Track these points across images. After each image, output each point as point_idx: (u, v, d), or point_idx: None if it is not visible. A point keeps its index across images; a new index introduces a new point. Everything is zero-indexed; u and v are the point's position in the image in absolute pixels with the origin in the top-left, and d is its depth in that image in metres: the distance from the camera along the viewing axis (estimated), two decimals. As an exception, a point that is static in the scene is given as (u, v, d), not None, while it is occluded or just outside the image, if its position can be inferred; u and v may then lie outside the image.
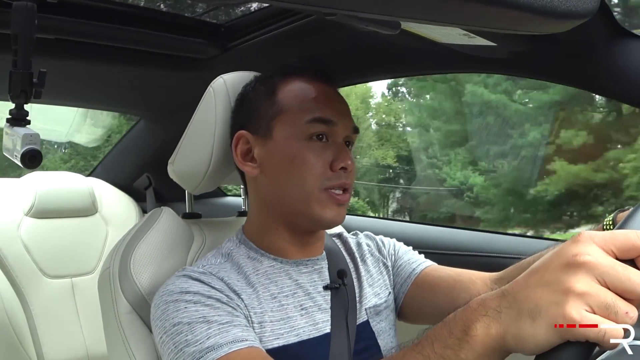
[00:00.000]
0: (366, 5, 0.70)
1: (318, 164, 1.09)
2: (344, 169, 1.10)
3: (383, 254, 1.33)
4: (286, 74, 1.17)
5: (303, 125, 1.10)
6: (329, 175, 1.10)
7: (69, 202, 2.46)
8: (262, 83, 1.20)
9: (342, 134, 1.14)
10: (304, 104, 1.12)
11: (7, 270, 2.20)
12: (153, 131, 2.54)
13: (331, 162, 1.10)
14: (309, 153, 1.10)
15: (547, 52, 1.28)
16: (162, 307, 1.00)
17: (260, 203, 1.19)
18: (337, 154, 1.11)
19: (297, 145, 1.10)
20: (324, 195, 1.10)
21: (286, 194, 1.12)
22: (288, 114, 1.12)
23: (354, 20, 0.99)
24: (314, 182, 1.09)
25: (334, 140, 1.13)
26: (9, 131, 1.12)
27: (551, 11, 0.72)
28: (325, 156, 1.10)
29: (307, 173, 1.09)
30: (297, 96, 1.14)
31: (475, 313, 0.65)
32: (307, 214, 1.11)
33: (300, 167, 1.09)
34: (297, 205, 1.11)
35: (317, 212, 1.10)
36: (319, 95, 1.14)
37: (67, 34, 1.61)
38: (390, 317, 1.27)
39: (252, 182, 1.19)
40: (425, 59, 1.59)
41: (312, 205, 1.10)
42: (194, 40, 1.80)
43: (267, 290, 1.09)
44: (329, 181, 1.10)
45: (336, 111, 1.14)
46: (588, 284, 0.57)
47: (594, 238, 0.60)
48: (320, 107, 1.12)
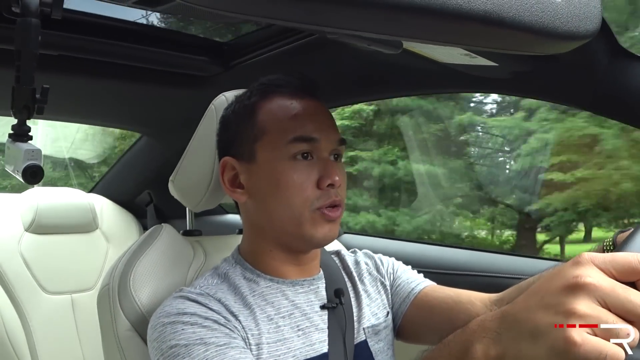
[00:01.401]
0: (368, 25, 0.70)
1: (305, 184, 1.07)
2: (331, 185, 1.08)
3: (381, 273, 1.32)
4: (265, 93, 1.15)
5: (285, 145, 1.08)
6: (317, 194, 1.08)
7: (70, 218, 2.46)
8: (241, 104, 1.17)
9: (327, 149, 1.11)
10: (283, 123, 1.10)
11: (6, 286, 2.19)
12: (155, 148, 2.54)
13: (318, 180, 1.08)
14: (294, 174, 1.07)
15: (549, 73, 1.28)
16: (159, 329, 0.99)
17: (251, 227, 1.18)
18: (323, 170, 1.08)
19: (281, 167, 1.08)
20: (316, 215, 1.08)
21: (275, 217, 1.10)
22: (269, 136, 1.10)
23: (356, 40, 0.99)
24: (302, 204, 1.07)
25: (319, 156, 1.10)
26: (11, 147, 1.12)
27: (553, 32, 0.73)
28: (312, 175, 1.08)
29: (294, 195, 1.07)
30: (276, 116, 1.11)
31: (475, 334, 0.65)
32: (298, 235, 1.09)
33: (286, 189, 1.07)
34: (287, 227, 1.10)
35: (309, 231, 1.08)
36: (300, 111, 1.11)
37: (71, 50, 1.62)
38: (389, 337, 1.26)
39: (243, 207, 1.19)
40: (427, 79, 1.59)
41: (304, 225, 1.08)
42: (197, 58, 1.81)
43: (264, 312, 1.08)
44: (318, 201, 1.07)
45: (318, 126, 1.11)
46: (589, 305, 0.57)
47: (594, 260, 0.59)
48: (300, 125, 1.09)
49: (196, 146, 1.26)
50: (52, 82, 1.14)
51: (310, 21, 0.70)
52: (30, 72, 1.04)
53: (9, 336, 2.09)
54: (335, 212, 1.09)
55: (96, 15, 1.58)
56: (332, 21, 0.69)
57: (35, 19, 1.02)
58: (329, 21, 0.69)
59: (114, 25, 1.62)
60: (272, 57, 1.67)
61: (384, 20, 0.67)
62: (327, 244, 1.14)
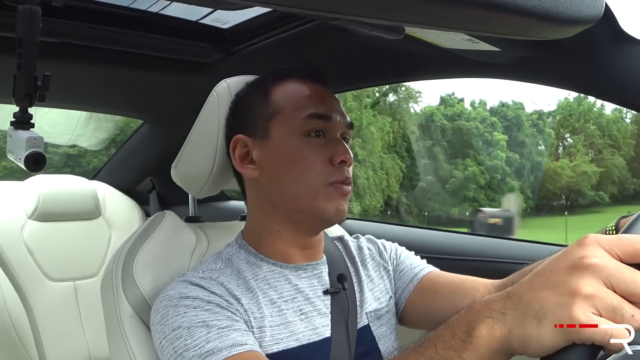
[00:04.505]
0: (370, 10, 0.70)
1: (318, 159, 1.10)
2: (343, 162, 1.11)
3: (384, 258, 1.33)
4: (279, 77, 1.19)
5: (300, 122, 1.12)
6: (331, 169, 1.11)
7: (73, 205, 2.46)
8: (255, 87, 1.21)
9: (338, 130, 1.15)
10: (298, 101, 1.14)
11: (10, 273, 2.20)
12: (157, 135, 2.54)
13: (331, 157, 1.11)
14: (308, 149, 1.11)
15: (551, 58, 1.28)
16: (162, 312, 1.00)
17: (261, 205, 1.19)
18: (336, 148, 1.12)
19: (296, 142, 1.11)
20: (330, 190, 1.10)
21: (289, 192, 1.12)
22: (284, 113, 1.13)
23: (358, 25, 0.99)
24: (316, 178, 1.10)
25: (330, 136, 1.14)
26: (13, 134, 1.12)
27: (555, 17, 0.72)
28: (324, 152, 1.11)
29: (308, 169, 1.10)
30: (291, 95, 1.15)
31: (479, 314, 0.65)
32: (311, 210, 1.11)
33: (301, 163, 1.10)
34: (301, 202, 1.11)
35: (322, 206, 1.10)
36: (312, 93, 1.16)
37: (72, 37, 1.61)
38: (392, 321, 1.27)
39: (252, 185, 1.19)
40: (429, 64, 1.59)
41: (317, 199, 1.10)
42: (198, 44, 1.80)
43: (267, 296, 1.09)
44: (332, 176, 1.10)
45: (331, 107, 1.15)
46: (595, 286, 0.57)
47: (599, 241, 0.60)
48: (315, 104, 1.13)
49: (198, 133, 1.26)
50: (54, 70, 1.14)
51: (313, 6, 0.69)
52: (31, 59, 1.04)
53: (13, 323, 2.10)
54: (347, 188, 1.13)
55: (97, 2, 1.57)
56: (334, 6, 0.69)
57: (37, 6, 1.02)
58: (331, 6, 0.69)
59: (115, 12, 1.62)
60: (274, 43, 1.67)
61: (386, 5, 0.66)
62: (336, 222, 1.16)
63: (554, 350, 0.58)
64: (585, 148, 30.86)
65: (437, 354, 0.68)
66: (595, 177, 29.93)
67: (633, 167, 31.45)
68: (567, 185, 29.81)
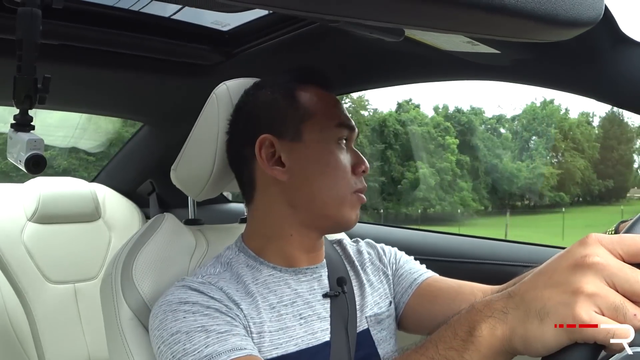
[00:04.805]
0: (370, 12, 0.70)
1: (347, 167, 1.13)
2: (364, 172, 1.15)
3: (384, 263, 1.33)
4: (301, 80, 1.18)
5: (332, 129, 1.13)
6: (355, 179, 1.14)
7: (73, 207, 2.47)
8: (278, 87, 1.17)
9: (353, 139, 1.19)
10: (328, 109, 1.15)
11: (10, 275, 2.20)
12: (156, 137, 2.54)
13: (354, 166, 1.14)
14: (339, 157, 1.13)
15: (551, 60, 1.28)
16: (161, 317, 0.99)
17: (278, 208, 1.15)
18: (357, 158, 1.16)
19: (330, 149, 1.13)
20: (355, 198, 1.14)
21: (319, 197, 1.12)
22: (316, 118, 1.13)
23: (358, 28, 0.99)
24: (346, 185, 1.12)
25: (348, 146, 1.17)
26: (13, 136, 1.12)
27: (555, 19, 0.72)
28: (348, 160, 1.14)
29: (340, 176, 1.12)
30: (319, 102, 1.16)
31: (481, 314, 0.65)
32: (336, 216, 1.13)
33: (335, 170, 1.12)
34: (329, 208, 1.12)
35: (347, 214, 1.13)
36: (334, 102, 1.18)
37: (72, 39, 1.62)
38: (392, 326, 1.27)
39: (272, 187, 1.14)
40: (429, 67, 1.59)
41: (344, 207, 1.13)
42: (198, 47, 1.80)
43: (266, 300, 1.08)
44: (356, 185, 1.14)
45: (349, 117, 1.18)
46: (597, 285, 0.57)
47: (601, 240, 0.60)
48: (342, 113, 1.17)
49: (198, 135, 1.26)
50: (54, 72, 1.14)
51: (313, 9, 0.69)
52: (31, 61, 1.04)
53: (12, 326, 2.10)
54: (364, 198, 1.17)
55: (97, 5, 1.57)
56: (334, 9, 0.69)
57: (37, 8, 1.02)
58: (331, 9, 0.69)
59: (115, 14, 1.62)
60: (274, 45, 1.67)
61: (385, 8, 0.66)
62: (351, 229, 1.19)
63: (555, 350, 0.58)
64: (546, 151, 32.82)
65: (438, 354, 0.67)
66: (553, 179, 31.88)
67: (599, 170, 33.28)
68: (526, 186, 31.65)
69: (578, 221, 25.74)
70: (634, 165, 31.44)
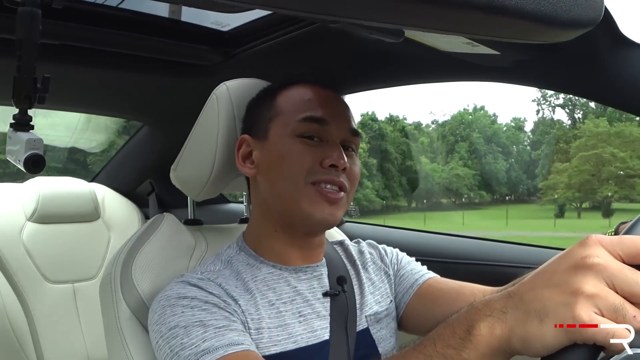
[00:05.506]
0: (370, 13, 0.70)
1: (307, 159, 1.10)
2: (334, 166, 1.09)
3: (385, 263, 1.33)
4: (288, 82, 1.20)
5: (295, 123, 1.12)
6: (316, 169, 1.09)
7: (72, 207, 2.46)
8: (265, 91, 1.23)
9: (337, 135, 1.14)
10: (298, 104, 1.15)
11: (9, 275, 2.20)
12: (156, 137, 2.54)
13: (322, 160, 1.10)
14: (297, 149, 1.10)
15: (550, 61, 1.28)
16: (159, 312, 1.00)
17: (259, 206, 1.20)
18: (328, 152, 1.10)
19: (287, 142, 1.11)
20: (311, 190, 1.09)
21: (278, 191, 1.13)
22: (282, 115, 1.14)
23: (358, 28, 0.99)
24: (298, 175, 1.09)
25: (328, 140, 1.13)
26: (13, 136, 1.12)
27: (555, 20, 0.72)
28: (316, 154, 1.10)
29: (294, 167, 1.09)
30: (293, 98, 1.16)
31: (480, 313, 0.65)
32: (298, 212, 1.10)
33: (289, 162, 1.10)
34: (288, 203, 1.11)
35: (307, 209, 1.09)
36: (314, 96, 1.16)
37: (72, 39, 1.61)
38: (392, 325, 1.27)
39: (253, 185, 1.21)
40: (429, 67, 1.59)
41: (301, 200, 1.09)
42: (198, 47, 1.80)
43: (265, 297, 1.09)
44: (314, 175, 1.09)
45: (330, 112, 1.14)
46: (597, 285, 0.57)
47: (602, 241, 0.60)
48: (313, 107, 1.14)
49: (197, 135, 1.26)
50: (53, 72, 1.14)
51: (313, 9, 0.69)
52: (31, 61, 1.04)
53: (11, 325, 2.10)
54: (334, 194, 1.10)
55: (97, 5, 1.57)
56: (334, 9, 0.69)
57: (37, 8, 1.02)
58: (331, 9, 0.69)
59: (114, 14, 1.62)
60: (274, 46, 1.67)
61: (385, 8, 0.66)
62: (327, 228, 1.17)
63: (555, 350, 0.58)
64: (467, 153, 36.21)
65: (436, 352, 0.67)
66: (468, 179, 35.22)
67: (530, 171, 36.69)
68: (444, 185, 35.33)
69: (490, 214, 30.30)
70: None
